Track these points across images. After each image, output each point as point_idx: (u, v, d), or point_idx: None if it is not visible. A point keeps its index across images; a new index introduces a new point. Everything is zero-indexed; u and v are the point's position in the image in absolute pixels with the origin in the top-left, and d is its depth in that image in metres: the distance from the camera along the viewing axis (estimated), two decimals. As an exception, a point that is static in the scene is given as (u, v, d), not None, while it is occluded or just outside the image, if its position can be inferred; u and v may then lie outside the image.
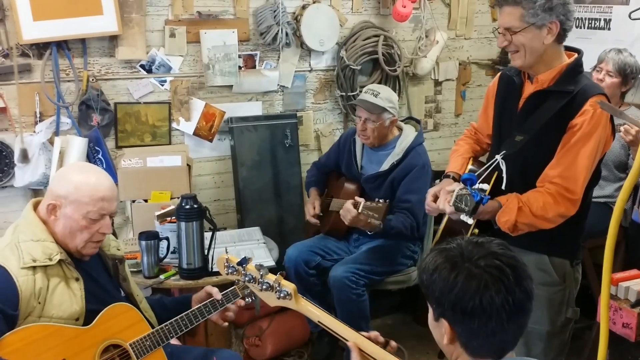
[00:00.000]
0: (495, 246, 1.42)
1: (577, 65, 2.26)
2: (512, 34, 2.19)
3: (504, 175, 2.28)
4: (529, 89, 2.31)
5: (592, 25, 4.04)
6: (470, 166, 2.45)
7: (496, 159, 2.30)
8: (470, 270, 1.36)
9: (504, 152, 2.29)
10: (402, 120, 3.52)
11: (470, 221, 2.18)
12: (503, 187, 2.27)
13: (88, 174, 2.10)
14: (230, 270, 1.91)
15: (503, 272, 1.35)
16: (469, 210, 2.12)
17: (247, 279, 1.85)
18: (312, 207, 3.51)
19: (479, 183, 2.17)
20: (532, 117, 2.27)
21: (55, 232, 2.06)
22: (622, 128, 3.19)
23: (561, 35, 2.20)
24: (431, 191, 2.45)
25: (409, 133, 3.37)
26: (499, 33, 2.26)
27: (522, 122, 2.29)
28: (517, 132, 2.29)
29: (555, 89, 2.23)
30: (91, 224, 2.05)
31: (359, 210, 2.98)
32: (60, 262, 2.02)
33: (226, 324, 2.35)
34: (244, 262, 1.87)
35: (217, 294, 2.30)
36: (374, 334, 1.70)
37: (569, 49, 2.31)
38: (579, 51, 2.31)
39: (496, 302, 1.33)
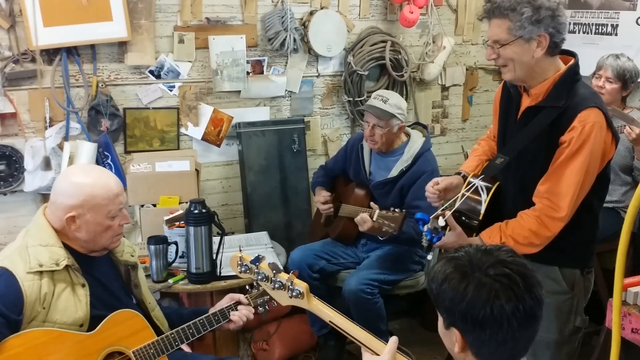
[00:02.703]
0: (504, 254, 1.41)
1: (570, 74, 2.21)
2: (500, 47, 2.17)
3: (484, 203, 2.30)
4: (525, 101, 2.29)
5: (599, 31, 4.03)
6: (470, 178, 2.46)
7: (474, 184, 2.32)
8: (480, 279, 1.36)
9: (482, 175, 2.30)
10: (409, 126, 3.52)
11: (430, 257, 2.27)
12: (480, 217, 2.30)
13: (93, 176, 2.11)
14: (243, 269, 1.92)
15: (513, 280, 1.35)
16: (425, 247, 2.19)
17: (259, 277, 1.86)
18: (321, 197, 3.50)
19: (442, 217, 2.24)
20: (518, 136, 2.26)
21: (77, 238, 2.08)
22: (625, 130, 3.20)
23: (552, 48, 2.16)
24: (435, 179, 2.53)
25: (417, 139, 3.37)
26: (488, 45, 2.25)
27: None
28: (499, 154, 2.29)
29: (545, 105, 2.20)
30: (113, 221, 2.10)
31: (374, 219, 2.97)
32: (67, 267, 2.02)
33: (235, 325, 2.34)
34: (257, 260, 1.88)
35: (243, 299, 2.33)
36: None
37: (564, 52, 2.27)
38: (574, 55, 2.27)
39: (507, 310, 1.33)
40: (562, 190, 2.16)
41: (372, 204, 3.10)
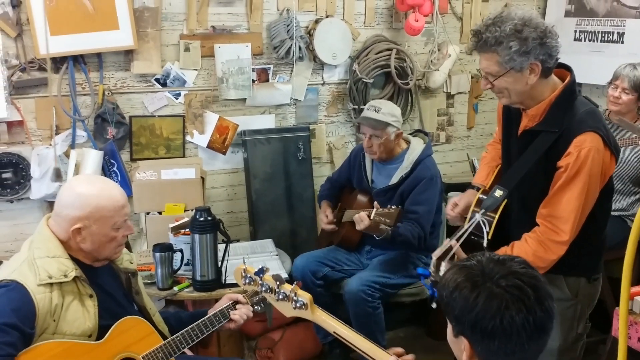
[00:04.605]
0: (516, 265, 1.41)
1: (566, 94, 2.19)
2: (494, 79, 2.16)
3: (485, 235, 2.29)
4: (524, 120, 2.28)
5: (605, 39, 4.03)
6: (480, 195, 2.46)
7: (476, 218, 2.30)
8: (491, 290, 1.35)
9: (483, 210, 2.30)
10: (410, 134, 3.54)
11: (434, 305, 2.21)
12: (485, 244, 2.28)
13: (98, 187, 2.10)
14: (247, 281, 1.93)
15: (524, 292, 1.34)
16: (429, 300, 2.19)
17: (264, 289, 1.87)
18: (324, 215, 3.52)
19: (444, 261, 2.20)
20: (515, 165, 2.26)
21: (81, 249, 2.07)
22: None
23: (545, 72, 2.14)
24: (451, 200, 2.54)
25: (417, 146, 3.38)
26: (481, 76, 2.24)
27: (518, 157, 2.28)
28: (498, 185, 2.29)
29: (542, 129, 2.19)
30: (117, 232, 2.09)
31: (371, 217, 2.99)
32: (75, 278, 2.02)
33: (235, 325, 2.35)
34: (261, 272, 1.89)
35: (242, 298, 2.34)
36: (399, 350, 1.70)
37: (561, 66, 2.24)
38: (570, 70, 2.24)
39: (517, 322, 1.32)
40: (562, 215, 2.15)
41: (375, 203, 3.11)
